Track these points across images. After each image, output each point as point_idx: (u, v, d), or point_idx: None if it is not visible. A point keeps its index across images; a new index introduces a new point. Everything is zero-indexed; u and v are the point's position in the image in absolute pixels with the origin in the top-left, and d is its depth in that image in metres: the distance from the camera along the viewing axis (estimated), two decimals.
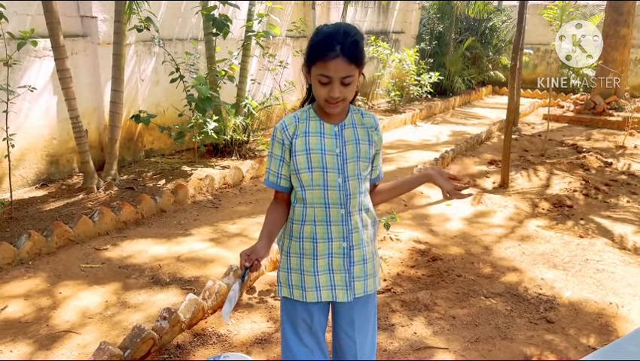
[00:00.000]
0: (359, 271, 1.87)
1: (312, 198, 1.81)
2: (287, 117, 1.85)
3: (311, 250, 1.83)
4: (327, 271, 1.84)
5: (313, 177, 1.79)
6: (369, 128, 1.87)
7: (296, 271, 1.87)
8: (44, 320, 3.08)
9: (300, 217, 1.84)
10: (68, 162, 5.46)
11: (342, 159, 1.81)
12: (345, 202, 1.81)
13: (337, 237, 1.83)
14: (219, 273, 3.62)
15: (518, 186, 6.00)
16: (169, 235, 4.32)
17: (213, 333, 2.99)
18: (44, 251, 3.85)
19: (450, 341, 2.99)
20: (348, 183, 1.81)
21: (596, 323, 3.20)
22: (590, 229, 4.75)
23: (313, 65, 1.72)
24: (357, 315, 1.92)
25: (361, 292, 1.88)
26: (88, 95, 5.51)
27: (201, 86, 5.53)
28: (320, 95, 1.73)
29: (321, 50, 1.68)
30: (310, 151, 1.79)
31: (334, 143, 1.81)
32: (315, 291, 1.85)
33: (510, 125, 6.05)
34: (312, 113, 1.84)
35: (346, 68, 1.68)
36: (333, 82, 1.69)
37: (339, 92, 1.71)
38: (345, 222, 1.82)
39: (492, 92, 13.84)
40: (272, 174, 1.86)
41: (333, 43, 1.67)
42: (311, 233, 1.82)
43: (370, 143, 1.87)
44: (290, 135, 1.80)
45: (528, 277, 3.77)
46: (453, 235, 4.53)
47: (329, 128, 1.82)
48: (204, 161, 6.28)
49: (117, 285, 3.51)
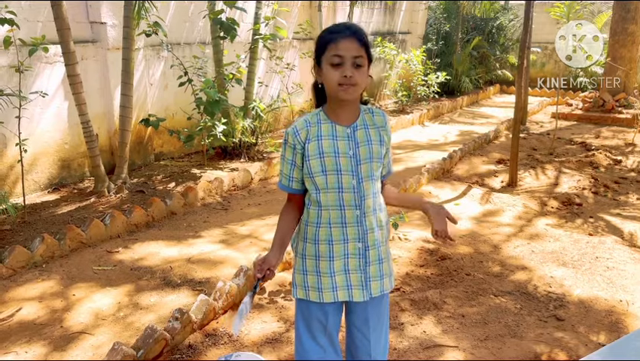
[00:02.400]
0: (375, 271, 1.89)
1: (326, 200, 1.82)
2: (298, 122, 1.86)
3: (327, 252, 1.85)
4: (343, 271, 1.86)
5: (328, 180, 1.80)
6: (379, 128, 1.89)
7: (312, 273, 1.88)
8: (58, 322, 3.13)
9: (315, 220, 1.85)
10: (79, 166, 5.53)
11: (355, 160, 1.82)
12: (360, 204, 1.83)
13: (353, 238, 1.84)
14: (229, 274, 3.66)
15: (527, 185, 6.00)
16: (180, 237, 4.36)
17: (224, 333, 3.02)
18: (57, 254, 3.90)
19: (460, 339, 3.00)
20: (362, 184, 1.82)
21: (606, 321, 3.20)
22: (600, 227, 4.74)
23: (324, 52, 1.75)
24: (371, 314, 1.93)
25: (377, 292, 1.90)
26: (98, 99, 5.58)
27: (209, 90, 5.58)
28: (332, 79, 1.74)
29: (332, 34, 1.74)
30: (324, 155, 1.80)
31: (347, 145, 1.82)
32: (332, 291, 1.86)
33: (517, 124, 6.04)
34: (323, 116, 1.85)
35: (358, 48, 1.72)
36: (346, 62, 1.72)
37: (351, 72, 1.72)
38: (361, 223, 1.84)
39: (500, 91, 13.80)
40: (284, 177, 1.89)
41: (342, 27, 1.75)
42: (326, 235, 1.84)
43: (382, 143, 1.88)
44: (302, 140, 1.82)
45: (538, 275, 3.77)
46: (462, 234, 4.54)
47: (341, 130, 1.83)
48: (213, 164, 6.33)
49: (129, 287, 3.56)
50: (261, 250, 4.07)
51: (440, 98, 11.32)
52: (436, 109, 10.39)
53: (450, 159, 6.58)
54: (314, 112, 1.88)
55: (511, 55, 13.27)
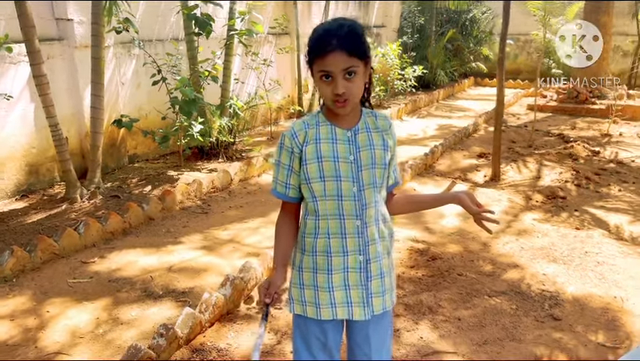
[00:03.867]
0: (377, 287, 1.75)
1: (325, 209, 1.69)
2: (295, 123, 1.73)
3: (325, 265, 1.72)
4: (342, 287, 1.73)
5: (326, 187, 1.68)
6: (383, 132, 1.75)
7: (309, 287, 1.75)
8: (32, 342, 2.92)
9: (312, 230, 1.72)
10: (48, 171, 5.26)
11: (356, 166, 1.69)
12: (360, 213, 1.69)
13: (353, 250, 1.71)
14: (214, 283, 3.49)
15: (509, 179, 5.96)
16: (159, 244, 4.16)
17: (213, 347, 2.86)
18: (28, 267, 3.67)
19: (458, 344, 2.91)
20: (363, 192, 1.69)
21: (603, 319, 3.15)
22: (586, 220, 4.72)
23: (313, 65, 1.62)
24: (373, 332, 1.80)
25: (379, 309, 1.76)
26: (67, 101, 5.31)
27: (185, 88, 5.36)
28: (325, 95, 1.63)
29: (317, 46, 1.59)
30: (322, 159, 1.67)
31: (347, 149, 1.69)
32: (331, 308, 1.73)
33: (499, 117, 6.00)
34: (322, 118, 1.72)
35: (346, 60, 1.57)
36: (336, 77, 1.58)
37: (343, 87, 1.58)
38: (361, 234, 1.71)
39: (475, 84, 13.87)
40: (279, 184, 1.75)
41: (329, 36, 1.57)
42: (325, 246, 1.71)
43: (386, 148, 1.74)
44: (300, 143, 1.68)
45: (530, 273, 3.71)
46: (450, 232, 4.45)
47: (341, 133, 1.70)
48: (190, 165, 6.11)
49: (108, 300, 3.35)
50: (245, 256, 3.91)
51: (417, 92, 11.28)
52: (413, 103, 10.34)
53: (432, 154, 6.50)
54: (312, 113, 1.76)
55: (484, 47, 13.32)
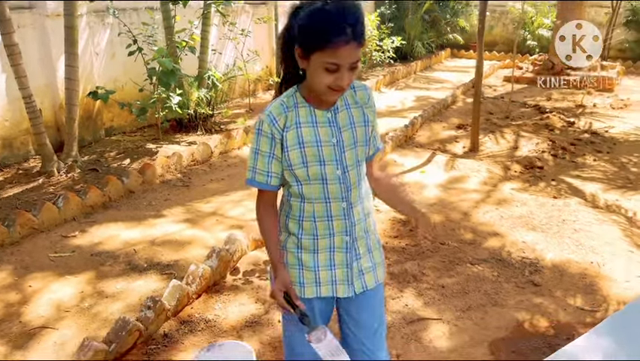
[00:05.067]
0: (367, 262, 1.73)
1: (310, 193, 1.63)
2: (273, 106, 1.61)
3: (311, 246, 1.68)
4: (327, 266, 1.69)
5: (309, 172, 1.60)
6: (363, 106, 1.68)
7: (293, 266, 1.70)
8: (16, 317, 2.88)
9: (297, 213, 1.67)
10: (22, 144, 5.12)
11: (339, 148, 1.62)
12: (346, 195, 1.64)
13: (340, 231, 1.67)
14: (198, 255, 3.48)
15: (488, 150, 6.04)
16: (141, 218, 4.12)
17: (201, 319, 2.87)
18: (6, 242, 3.60)
19: (442, 311, 2.97)
20: (348, 174, 1.63)
21: (581, 284, 3.25)
22: (563, 190, 4.83)
23: (317, 50, 1.46)
24: (363, 309, 1.77)
25: (372, 284, 1.74)
26: (40, 72, 5.14)
27: (163, 59, 5.24)
28: (322, 83, 1.50)
29: (330, 35, 1.44)
30: (304, 144, 1.59)
31: (330, 132, 1.61)
32: (315, 286, 1.70)
33: (479, 88, 6.04)
34: (300, 97, 1.61)
35: (357, 52, 1.47)
36: (342, 69, 1.47)
37: (348, 78, 1.49)
38: (348, 215, 1.66)
39: (451, 55, 13.86)
40: (259, 173, 1.63)
41: (344, 25, 1.43)
42: (311, 229, 1.66)
43: (367, 123, 1.67)
44: (280, 128, 1.58)
45: (510, 240, 3.80)
46: (431, 202, 4.51)
47: (321, 115, 1.61)
48: (169, 137, 6.02)
49: (92, 274, 3.32)
50: (228, 229, 3.89)
51: (395, 64, 11.24)
52: (391, 75, 10.30)
53: (412, 125, 6.53)
54: (288, 93, 1.63)
55: (461, 19, 13.30)
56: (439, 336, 2.76)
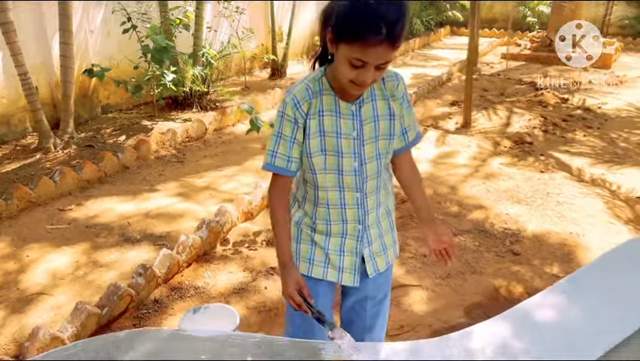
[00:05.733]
0: (378, 247, 1.73)
1: (324, 181, 1.62)
2: (297, 89, 1.55)
3: (324, 230, 1.69)
4: (338, 252, 1.70)
5: (327, 161, 1.59)
6: (390, 98, 1.61)
7: (306, 242, 1.71)
8: (14, 284, 3.01)
9: (312, 198, 1.66)
10: (20, 121, 5.21)
11: (359, 141, 1.59)
12: (361, 186, 1.63)
13: (352, 219, 1.67)
14: (190, 227, 3.59)
15: (480, 126, 6.10)
16: (135, 192, 4.23)
17: (190, 286, 2.99)
18: (5, 215, 3.72)
19: (422, 278, 3.09)
20: (364, 166, 1.61)
21: (559, 253, 3.36)
22: (550, 164, 4.91)
23: (345, 41, 1.38)
24: (370, 283, 1.78)
25: (383, 267, 1.75)
26: (35, 49, 5.20)
27: (156, 36, 5.29)
28: (346, 76, 1.43)
29: (361, 30, 1.34)
30: (324, 134, 1.56)
31: (351, 125, 1.57)
32: (323, 267, 1.71)
33: (471, 65, 6.08)
34: (326, 84, 1.56)
35: (388, 54, 1.37)
36: (368, 67, 1.39)
37: (373, 76, 1.42)
38: (361, 205, 1.65)
39: (451, 33, 13.82)
40: (280, 158, 1.57)
41: (380, 23, 1.31)
42: (324, 215, 1.67)
43: (392, 117, 1.62)
44: (304, 113, 1.54)
45: (494, 213, 3.90)
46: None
47: (345, 107, 1.56)
48: (164, 115, 6.10)
49: (87, 245, 3.44)
50: (220, 202, 3.99)
51: None
52: None
53: None
54: (314, 76, 1.58)
55: None
56: (417, 301, 2.88)
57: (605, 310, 1.73)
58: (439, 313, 2.77)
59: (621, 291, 1.82)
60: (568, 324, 1.69)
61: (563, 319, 1.73)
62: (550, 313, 1.75)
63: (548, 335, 1.64)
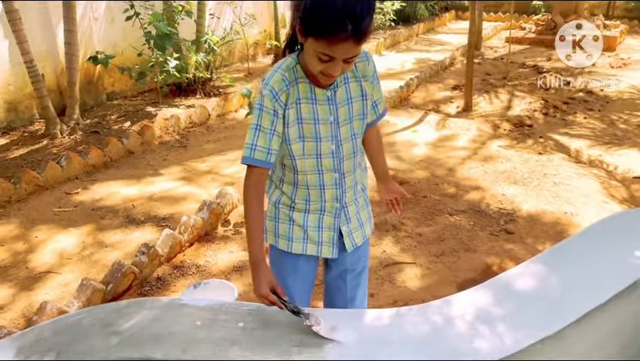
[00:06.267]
0: (355, 223, 1.81)
1: (303, 166, 1.66)
2: (273, 79, 1.55)
3: (303, 208, 1.74)
4: (316, 228, 1.76)
5: (305, 147, 1.63)
6: (362, 79, 1.66)
7: (284, 221, 1.77)
8: (23, 263, 3.13)
9: (291, 180, 1.71)
10: (27, 108, 5.32)
11: (335, 124, 1.63)
12: (339, 167, 1.69)
13: (331, 198, 1.73)
14: (192, 209, 3.69)
15: (481, 109, 6.14)
16: (140, 176, 4.33)
17: (192, 264, 3.10)
18: (14, 198, 3.84)
19: (417, 256, 3.18)
20: (341, 148, 1.67)
21: (552, 231, 3.43)
22: (549, 146, 4.96)
23: (313, 38, 1.41)
24: (348, 256, 1.86)
25: (361, 240, 1.83)
26: (41, 37, 5.30)
27: (159, 23, 5.37)
28: (315, 68, 1.47)
29: (326, 27, 1.36)
30: (302, 121, 1.59)
31: (328, 110, 1.61)
32: (302, 243, 1.77)
33: (472, 49, 6.10)
34: (300, 71, 1.58)
35: (355, 49, 1.41)
36: (336, 61, 1.43)
37: (340, 69, 1.46)
38: (339, 185, 1.72)
39: (456, 17, 13.76)
40: (259, 151, 1.56)
41: (345, 20, 1.34)
42: (304, 195, 1.72)
43: (365, 97, 1.67)
44: (283, 104, 1.56)
45: (490, 193, 3.96)
46: (419, 159, 4.67)
47: (321, 93, 1.60)
48: (168, 101, 6.19)
49: (92, 226, 3.56)
50: (222, 185, 4.09)
51: (397, 27, 11.22)
52: (392, 37, 10.31)
53: (407, 87, 6.63)
54: (288, 64, 1.58)
55: None
56: (411, 278, 2.97)
57: (585, 278, 1.80)
58: (432, 289, 2.85)
59: (603, 260, 1.89)
60: (547, 292, 1.77)
61: (543, 287, 1.80)
62: (531, 281, 1.83)
63: (527, 301, 1.72)
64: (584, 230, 2.25)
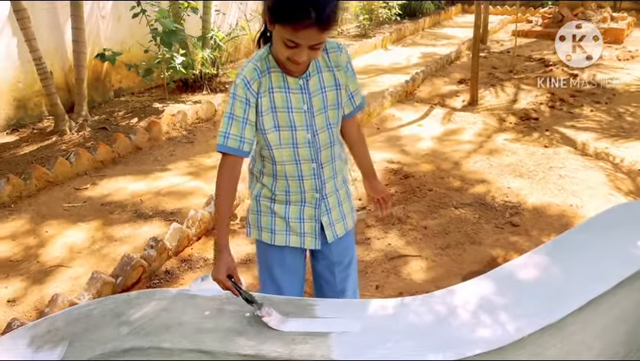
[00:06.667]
0: (337, 215, 1.84)
1: (280, 156, 1.69)
2: (246, 70, 1.61)
3: (283, 200, 1.78)
4: (297, 219, 1.79)
5: (281, 137, 1.66)
6: (335, 69, 1.70)
7: (266, 214, 1.80)
8: (34, 258, 3.19)
9: (270, 172, 1.75)
10: (36, 105, 5.38)
11: (309, 114, 1.66)
12: (316, 157, 1.72)
13: (310, 189, 1.76)
14: (200, 204, 3.73)
15: (487, 103, 6.14)
16: (147, 172, 4.38)
17: (200, 258, 3.14)
18: (24, 194, 3.89)
19: (422, 248, 3.20)
20: (317, 137, 1.69)
21: (557, 223, 3.44)
22: (555, 139, 4.95)
23: (279, 24, 1.46)
24: (334, 250, 1.89)
25: (342, 232, 1.86)
26: (49, 34, 5.35)
27: (164, 20, 5.40)
28: (282, 54, 1.52)
29: (290, 14, 1.41)
30: (276, 110, 1.63)
31: (301, 98, 1.65)
32: (285, 235, 1.81)
33: (477, 42, 6.10)
34: (272, 62, 1.62)
35: (319, 36, 1.45)
36: (301, 47, 1.47)
37: (307, 55, 1.50)
38: (318, 175, 1.75)
39: (462, 11, 13.71)
40: (232, 139, 1.60)
41: (309, 8, 1.39)
42: (283, 187, 1.75)
43: (338, 87, 1.70)
44: (255, 92, 1.60)
45: (496, 187, 3.98)
46: (424, 153, 4.68)
47: (293, 82, 1.64)
48: (175, 97, 6.23)
49: (101, 221, 3.61)
50: None
51: (402, 21, 11.20)
52: (398, 32, 10.30)
53: (413, 81, 6.63)
54: (260, 55, 1.63)
55: None
56: (416, 270, 2.99)
57: (588, 267, 1.82)
58: (437, 282, 2.88)
59: (607, 250, 1.90)
60: (550, 281, 1.79)
61: (546, 276, 1.82)
62: (534, 271, 1.85)
63: (530, 290, 1.74)
64: (588, 220, 2.26)
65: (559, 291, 1.72)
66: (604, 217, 2.21)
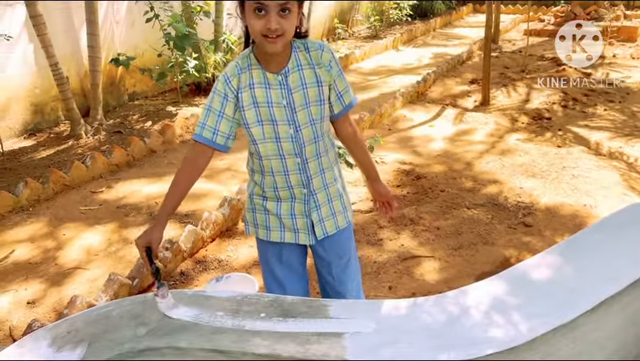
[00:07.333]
0: (327, 212, 1.86)
1: (265, 151, 1.74)
2: (229, 67, 1.71)
3: (274, 197, 1.83)
4: (289, 216, 1.84)
5: (264, 131, 1.71)
6: (316, 66, 1.72)
7: (260, 211, 1.86)
8: (52, 260, 3.25)
9: (259, 168, 1.80)
10: (52, 110, 5.47)
11: (290, 109, 1.70)
12: (300, 152, 1.75)
13: (297, 184, 1.80)
14: (214, 205, 3.77)
15: (499, 103, 6.12)
16: (162, 174, 4.43)
17: (214, 259, 3.18)
18: (42, 197, 3.97)
19: (435, 249, 3.21)
20: (300, 132, 1.73)
21: (570, 224, 3.43)
22: (568, 139, 4.93)
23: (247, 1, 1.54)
24: (330, 249, 1.92)
25: (333, 230, 1.88)
26: (65, 40, 5.44)
27: (177, 24, 5.47)
28: (256, 30, 1.56)
29: None
30: (258, 104, 1.69)
31: (280, 94, 1.69)
32: (280, 231, 1.86)
33: (489, 42, 6.08)
34: (253, 59, 1.69)
35: None
36: (269, 12, 1.52)
37: (277, 22, 1.53)
38: (303, 170, 1.78)
39: (473, 11, 13.66)
40: (207, 129, 1.68)
41: None
42: (271, 183, 1.80)
43: (320, 84, 1.73)
44: (234, 88, 1.67)
45: (508, 187, 3.97)
46: (436, 154, 4.69)
47: (272, 78, 1.69)
48: (188, 100, 6.30)
49: (117, 224, 3.66)
50: (241, 182, 4.17)
51: (413, 22, 11.20)
52: (409, 33, 10.30)
53: (424, 81, 6.63)
54: (244, 54, 1.72)
55: None
56: (429, 271, 3.01)
57: (601, 268, 1.82)
58: (450, 282, 2.89)
59: (619, 250, 1.90)
60: (562, 281, 1.79)
61: (558, 276, 1.83)
62: (546, 271, 1.85)
63: (542, 291, 1.75)
64: (600, 221, 2.26)
65: (572, 291, 1.73)
66: (618, 217, 2.20)
